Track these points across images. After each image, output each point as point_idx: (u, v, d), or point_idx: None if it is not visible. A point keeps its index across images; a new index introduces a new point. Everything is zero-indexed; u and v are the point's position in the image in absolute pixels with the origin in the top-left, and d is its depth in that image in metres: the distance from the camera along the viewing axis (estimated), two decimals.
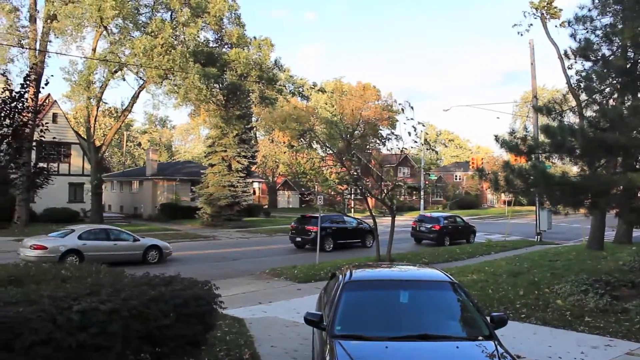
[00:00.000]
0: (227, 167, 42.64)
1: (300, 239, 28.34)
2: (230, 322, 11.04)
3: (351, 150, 24.43)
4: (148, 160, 55.00)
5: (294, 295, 15.20)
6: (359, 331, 6.20)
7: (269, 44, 42.09)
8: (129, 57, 37.58)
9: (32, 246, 20.11)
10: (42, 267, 10.47)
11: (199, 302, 6.99)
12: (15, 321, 5.61)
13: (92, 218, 41.63)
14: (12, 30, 37.50)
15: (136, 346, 6.55)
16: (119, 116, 49.89)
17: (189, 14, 37.60)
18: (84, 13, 35.48)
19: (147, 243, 23.20)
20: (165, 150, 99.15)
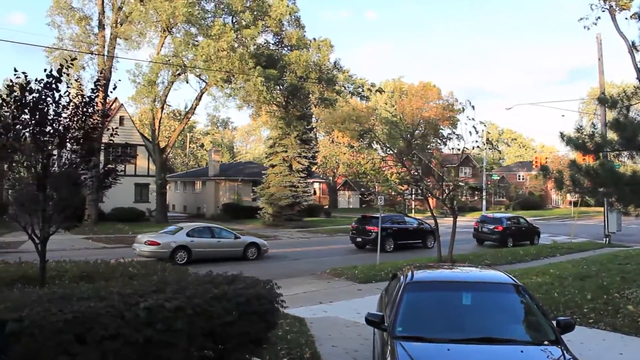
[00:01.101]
0: (288, 168, 42.97)
1: (361, 239, 28.27)
2: (291, 321, 11.13)
3: (412, 150, 24.26)
4: (210, 161, 56.08)
5: (354, 296, 15.18)
6: (420, 333, 6.13)
7: (328, 45, 42.24)
8: (193, 60, 38.45)
9: (147, 242, 21.61)
10: (111, 264, 10.88)
11: (261, 301, 7.08)
12: (87, 316, 5.84)
13: (156, 217, 42.85)
14: (83, 37, 38.97)
15: (200, 343, 6.70)
16: (183, 118, 51.14)
17: (250, 18, 38.15)
18: (151, 15, 36.50)
19: (247, 240, 24.39)
20: (227, 151, 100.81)
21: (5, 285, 8.80)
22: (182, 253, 21.75)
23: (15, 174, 9.24)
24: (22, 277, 9.57)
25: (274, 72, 37.25)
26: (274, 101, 40.14)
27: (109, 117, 10.01)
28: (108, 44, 39.36)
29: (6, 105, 8.65)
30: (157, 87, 39.52)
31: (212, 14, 41.28)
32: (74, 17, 38.55)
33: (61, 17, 38.84)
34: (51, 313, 5.72)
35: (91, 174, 9.92)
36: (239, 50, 36.70)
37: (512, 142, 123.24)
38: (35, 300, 6.02)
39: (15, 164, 9.05)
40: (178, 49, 38.68)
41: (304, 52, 40.38)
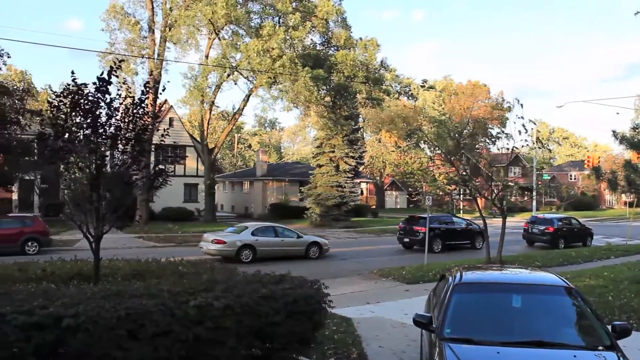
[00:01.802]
0: (335, 168, 42.99)
1: (408, 240, 28.07)
2: (338, 321, 11.14)
3: (460, 149, 23.89)
4: (258, 161, 56.61)
5: (402, 296, 15.09)
6: (469, 335, 6.06)
7: (375, 45, 42.12)
8: (240, 61, 38.89)
9: (213, 241, 22.22)
10: (161, 262, 11.10)
11: (308, 301, 7.12)
12: (139, 313, 6.00)
13: (205, 217, 43.52)
14: (135, 41, 39.90)
15: (248, 341, 6.79)
16: (230, 119, 51.76)
17: (297, 18, 38.35)
18: (196, 16, 37.11)
19: (309, 240, 24.68)
20: (275, 151, 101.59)
21: (61, 281, 9.09)
22: (247, 252, 22.22)
23: (71, 174, 9.52)
24: (77, 274, 9.86)
25: (321, 73, 37.36)
26: (321, 101, 40.23)
27: (159, 118, 10.24)
28: (158, 47, 40.21)
29: (61, 108, 8.92)
30: (206, 89, 40.14)
31: (258, 15, 41.70)
32: (126, 22, 39.51)
33: (114, 22, 39.89)
34: (105, 309, 5.90)
35: (142, 174, 10.15)
36: (288, 51, 36.94)
37: (563, 141, 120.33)
38: (90, 297, 6.22)
39: (71, 165, 9.32)
40: (225, 50, 39.22)
41: (350, 52, 40.37)
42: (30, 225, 25.06)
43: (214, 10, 35.97)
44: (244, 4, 40.21)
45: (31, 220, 25.72)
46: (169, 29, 39.32)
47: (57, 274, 9.74)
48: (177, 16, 38.34)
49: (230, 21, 37.47)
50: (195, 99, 40.52)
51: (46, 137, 9.39)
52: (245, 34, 39.61)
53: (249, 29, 38.99)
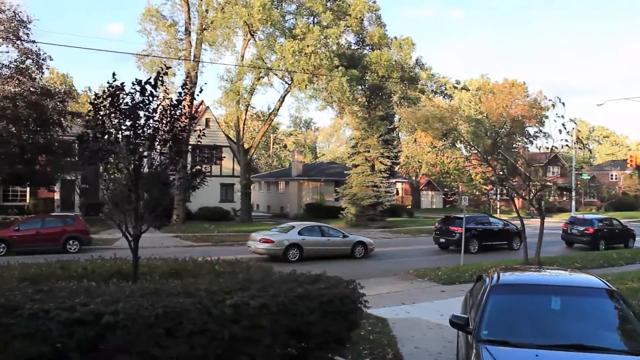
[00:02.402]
0: (371, 168, 42.89)
1: (444, 240, 27.85)
2: (373, 321, 11.12)
3: (497, 149, 23.60)
4: (293, 161, 56.81)
5: (437, 297, 14.99)
6: (506, 337, 5.97)
7: (410, 43, 41.90)
8: (275, 62, 39.11)
9: (261, 240, 22.66)
10: (198, 261, 11.23)
11: (344, 301, 7.13)
12: (176, 311, 6.09)
13: (241, 217, 43.87)
14: (171, 43, 40.46)
15: (284, 340, 6.83)
16: (266, 119, 52.08)
17: (331, 17, 38.38)
18: (232, 18, 37.44)
19: (355, 239, 24.78)
20: (310, 151, 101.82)
21: (102, 279, 9.28)
22: (294, 251, 22.52)
23: (110, 175, 9.70)
24: (116, 273, 10.05)
25: (355, 72, 37.32)
26: (356, 101, 40.18)
27: (196, 119, 10.35)
28: (194, 49, 40.70)
29: (101, 110, 9.10)
30: (241, 90, 40.48)
31: (293, 15, 41.88)
32: (162, 24, 40.07)
33: (151, 25, 40.49)
34: (143, 307, 6.01)
35: (179, 174, 10.28)
36: (322, 51, 37.00)
37: (603, 139, 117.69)
38: (129, 295, 6.34)
39: (110, 165, 9.50)
40: (261, 51, 39.48)
41: (385, 51, 40.22)
42: (72, 224, 25.68)
43: (249, 12, 36.28)
44: (278, 5, 40.43)
45: (72, 220, 26.34)
46: (205, 31, 39.75)
47: (97, 272, 9.94)
48: (212, 18, 38.75)
49: (266, 22, 37.70)
50: (231, 100, 40.90)
51: (86, 139, 9.59)
52: (280, 35, 39.82)
53: (283, 30, 39.18)
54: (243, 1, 37.27)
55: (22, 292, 6.23)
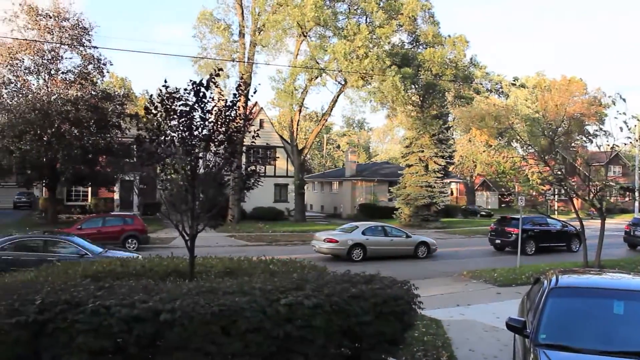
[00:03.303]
0: (424, 168, 42.51)
1: (500, 241, 27.37)
2: (427, 322, 11.03)
3: (554, 148, 23.01)
4: (347, 161, 56.85)
5: (493, 299, 14.75)
6: (565, 341, 5.80)
7: (464, 41, 41.34)
8: (328, 62, 39.21)
9: (325, 239, 23.07)
10: (253, 260, 11.36)
11: (398, 302, 7.08)
12: (232, 309, 6.19)
13: (295, 217, 44.19)
14: (225, 46, 41.13)
15: (337, 340, 6.84)
16: (319, 120, 52.30)
17: (383, 17, 38.22)
18: (285, 19, 37.77)
19: (418, 239, 24.95)
20: (363, 151, 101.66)
21: (159, 277, 9.48)
22: (358, 251, 22.77)
23: (167, 176, 9.91)
24: (174, 271, 10.25)
25: (409, 71, 37.05)
26: (409, 101, 39.88)
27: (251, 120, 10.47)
28: (248, 51, 41.21)
29: (157, 112, 9.31)
30: (294, 90, 40.76)
31: (345, 15, 41.91)
32: (216, 27, 40.75)
33: (205, 28, 41.24)
34: (200, 305, 6.13)
35: (234, 175, 10.42)
36: (375, 50, 36.89)
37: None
38: (186, 293, 6.47)
39: (166, 166, 9.70)
40: (314, 52, 39.65)
41: (438, 49, 39.79)
42: (131, 223, 26.45)
43: (302, 13, 36.50)
44: (331, 5, 40.55)
45: (131, 219, 27.13)
46: (258, 33, 40.19)
47: (155, 270, 10.16)
48: (265, 20, 39.16)
49: (318, 22, 37.85)
50: (284, 100, 41.27)
51: (143, 140, 9.83)
52: (332, 35, 39.91)
53: (335, 30, 39.26)
54: (295, 1, 37.52)
55: (85, 289, 6.45)
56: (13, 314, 5.71)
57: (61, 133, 32.36)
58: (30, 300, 5.95)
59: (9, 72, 34.03)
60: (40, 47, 34.17)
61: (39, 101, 32.35)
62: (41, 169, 33.78)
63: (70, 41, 34.68)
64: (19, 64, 34.20)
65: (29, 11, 33.89)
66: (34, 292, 6.26)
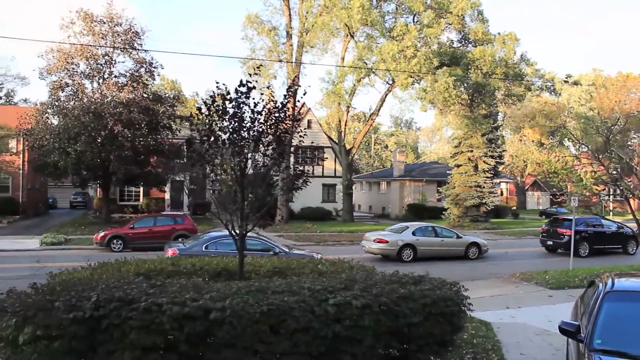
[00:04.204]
0: (474, 168, 41.93)
1: (552, 243, 26.77)
2: (477, 325, 10.88)
3: (609, 147, 22.34)
4: (395, 161, 56.58)
5: (544, 302, 14.44)
6: (622, 347, 5.63)
7: (514, 39, 40.59)
8: (376, 63, 39.08)
9: (375, 240, 23.16)
10: (301, 261, 11.43)
11: (447, 303, 7.03)
12: (281, 309, 6.25)
13: (343, 217, 44.20)
14: (273, 47, 41.46)
15: (385, 341, 6.83)
16: (367, 120, 52.17)
17: (432, 16, 37.88)
18: (332, 20, 37.84)
19: (469, 240, 24.80)
20: (412, 151, 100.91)
21: (209, 276, 9.65)
22: (408, 251, 22.76)
23: (216, 176, 10.06)
24: (223, 270, 10.41)
25: (458, 71, 36.63)
26: (458, 100, 39.38)
27: (299, 121, 10.56)
28: (295, 52, 41.43)
29: (207, 114, 9.45)
30: (342, 91, 40.78)
31: (392, 15, 41.69)
32: (263, 29, 41.12)
33: (252, 31, 41.66)
34: (249, 304, 6.22)
35: (283, 175, 10.50)
36: (423, 49, 36.59)
37: None
38: (235, 292, 6.57)
39: (216, 167, 9.85)
40: (361, 53, 39.59)
41: (488, 48, 39.18)
42: (181, 222, 26.97)
43: (349, 14, 36.50)
44: (377, 5, 40.42)
45: (182, 218, 27.66)
46: (305, 34, 40.36)
47: (205, 269, 10.33)
48: (312, 22, 39.30)
49: (365, 23, 37.79)
50: (332, 101, 41.34)
51: (194, 142, 10.00)
52: (379, 35, 39.74)
53: (382, 30, 39.10)
54: (342, 3, 37.53)
55: (138, 287, 6.61)
56: (70, 310, 5.91)
57: (114, 134, 33.25)
58: (87, 297, 6.14)
59: (66, 76, 35.17)
60: (94, 51, 35.20)
61: (93, 104, 33.32)
62: (95, 169, 34.78)
63: (123, 45, 35.60)
64: (75, 68, 35.34)
65: (84, 18, 34.99)
66: (90, 289, 6.46)
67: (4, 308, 6.11)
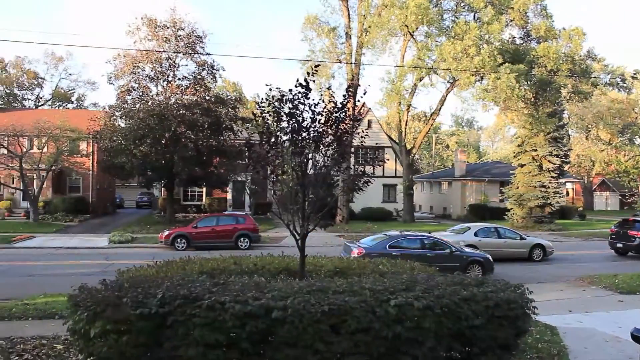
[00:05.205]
0: (538, 167, 40.88)
1: (622, 245, 25.78)
2: (542, 329, 10.58)
3: None
4: (456, 161, 55.79)
5: (614, 307, 13.89)
6: None
7: (580, 34, 39.32)
8: (436, 62, 38.62)
9: None
10: (362, 261, 11.42)
11: (511, 306, 6.89)
12: (342, 309, 6.27)
13: (404, 217, 43.89)
14: (332, 48, 41.59)
15: (447, 343, 6.74)
16: (428, 120, 51.64)
17: (492, 13, 37.14)
18: (390, 20, 37.64)
19: (533, 242, 24.39)
20: (473, 151, 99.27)
21: (270, 275, 9.76)
22: None
23: (277, 177, 10.17)
24: (284, 269, 10.53)
25: (521, 68, 35.78)
26: (522, 98, 38.45)
27: (359, 121, 10.56)
28: (355, 52, 41.41)
29: (267, 115, 9.57)
30: (402, 91, 40.51)
31: (452, 13, 41.11)
32: (322, 30, 41.29)
33: (312, 32, 41.91)
34: (310, 304, 6.26)
35: (343, 176, 10.52)
36: (486, 48, 35.93)
37: None
38: (297, 291, 6.62)
39: (277, 167, 9.96)
40: (420, 52, 39.21)
41: (553, 44, 38.10)
42: (243, 222, 27.39)
43: (407, 14, 36.23)
44: (437, 4, 39.97)
45: (243, 218, 28.10)
46: (364, 34, 40.29)
47: (266, 269, 10.48)
48: (370, 22, 39.20)
49: (422, 22, 37.41)
50: (392, 101, 41.11)
51: (254, 143, 10.14)
52: (439, 34, 39.27)
53: (441, 29, 38.62)
54: (399, 2, 37.27)
55: (202, 285, 6.76)
56: (138, 306, 6.11)
57: (177, 136, 34.12)
58: (153, 294, 6.33)
59: (133, 80, 36.34)
60: (158, 56, 36.18)
61: (158, 106, 34.28)
62: (160, 170, 35.74)
63: (186, 49, 36.48)
64: (141, 72, 36.45)
65: (149, 23, 36.07)
66: (156, 286, 6.65)
67: (76, 303, 6.40)
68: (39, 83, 71.78)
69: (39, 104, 71.25)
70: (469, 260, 18.80)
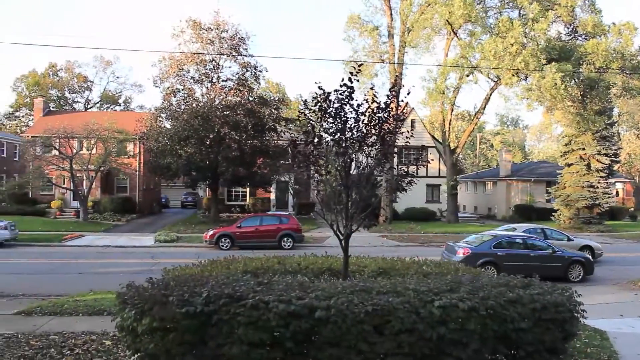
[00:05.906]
0: (586, 167, 39.90)
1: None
2: (590, 333, 10.32)
3: None
4: (501, 161, 54.92)
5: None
6: None
7: (632, 29, 38.17)
8: (479, 60, 38.07)
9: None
10: (405, 261, 11.35)
11: (558, 309, 6.75)
12: (385, 309, 6.25)
13: (447, 218, 43.44)
14: (374, 47, 41.49)
15: (492, 346, 6.64)
16: (472, 119, 50.96)
17: (538, 9, 36.39)
18: (433, 18, 37.33)
19: (581, 243, 24.00)
20: (519, 150, 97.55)
21: (314, 275, 9.79)
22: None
23: (321, 177, 10.19)
24: (328, 269, 10.54)
25: (568, 66, 34.97)
26: (569, 97, 37.55)
27: (403, 121, 10.55)
28: (397, 52, 41.19)
29: (310, 115, 9.60)
30: (445, 90, 40.11)
31: (496, 10, 40.51)
32: (365, 29, 41.24)
33: (354, 31, 41.90)
34: (353, 304, 6.26)
35: (387, 176, 10.47)
36: (530, 45, 35.26)
37: None
38: (340, 291, 6.63)
39: (320, 168, 9.98)
40: (463, 51, 38.73)
41: (602, 40, 37.09)
42: (286, 222, 27.57)
43: (450, 11, 35.86)
44: (481, 0, 39.44)
45: (287, 218, 28.29)
46: (407, 33, 40.04)
47: (310, 268, 10.51)
48: (414, 20, 38.93)
49: (467, 19, 36.94)
50: (435, 100, 40.76)
51: (298, 143, 10.19)
52: (482, 32, 38.71)
53: (485, 27, 38.06)
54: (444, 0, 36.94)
55: (246, 284, 6.83)
56: (183, 304, 6.22)
57: (221, 137, 34.56)
58: (198, 292, 6.44)
59: (177, 82, 36.99)
60: (203, 58, 36.71)
61: (202, 108, 34.79)
62: (204, 170, 36.28)
63: (229, 51, 36.92)
64: (185, 74, 37.06)
65: (193, 26, 36.66)
66: (201, 285, 6.76)
67: (124, 300, 6.56)
68: (88, 86, 73.94)
69: (88, 106, 73.29)
70: (571, 261, 18.85)
